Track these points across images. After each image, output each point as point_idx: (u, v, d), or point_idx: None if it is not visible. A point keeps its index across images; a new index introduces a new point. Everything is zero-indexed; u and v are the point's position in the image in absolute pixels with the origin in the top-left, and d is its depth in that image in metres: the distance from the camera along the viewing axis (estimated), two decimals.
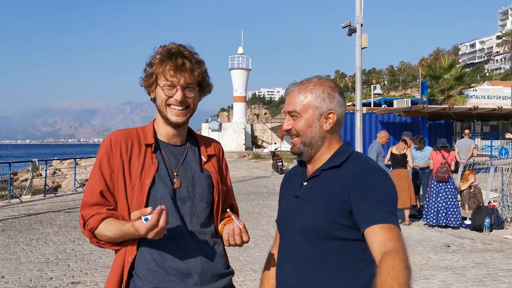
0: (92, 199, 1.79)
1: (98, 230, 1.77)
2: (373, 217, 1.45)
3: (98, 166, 1.82)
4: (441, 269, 6.15)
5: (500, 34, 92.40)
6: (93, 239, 1.80)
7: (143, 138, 1.86)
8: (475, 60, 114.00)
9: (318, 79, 1.66)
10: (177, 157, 1.89)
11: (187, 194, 1.84)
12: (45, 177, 15.83)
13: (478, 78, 68.08)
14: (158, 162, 1.83)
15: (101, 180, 1.80)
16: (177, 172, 1.85)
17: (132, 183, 1.80)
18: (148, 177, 1.80)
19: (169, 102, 1.82)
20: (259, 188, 16.13)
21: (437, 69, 25.51)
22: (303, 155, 1.66)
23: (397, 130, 17.03)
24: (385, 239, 1.40)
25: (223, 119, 59.00)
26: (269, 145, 36.47)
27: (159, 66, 1.79)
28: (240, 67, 39.09)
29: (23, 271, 6.00)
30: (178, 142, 1.91)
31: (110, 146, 1.82)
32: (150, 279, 1.74)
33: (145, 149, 1.84)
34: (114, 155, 1.81)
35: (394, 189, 1.55)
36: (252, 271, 5.98)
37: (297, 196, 1.64)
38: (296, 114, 1.62)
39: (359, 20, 12.42)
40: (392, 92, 71.03)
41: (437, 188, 9.05)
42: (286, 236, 1.68)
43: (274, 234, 1.92)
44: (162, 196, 1.79)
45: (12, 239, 7.91)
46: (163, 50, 1.81)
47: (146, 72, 1.85)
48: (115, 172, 1.80)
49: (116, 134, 1.87)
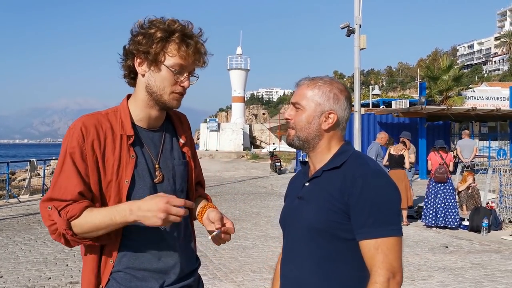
0: (66, 195, 1.53)
1: (79, 220, 1.52)
2: (368, 230, 1.47)
3: (71, 160, 1.55)
4: (439, 270, 6.16)
5: (498, 35, 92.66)
6: (67, 231, 1.52)
7: (120, 128, 1.63)
8: (473, 61, 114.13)
9: (330, 79, 1.67)
10: (156, 144, 1.70)
11: (169, 187, 1.69)
12: (43, 176, 15.79)
13: (476, 79, 68.13)
14: (136, 155, 1.63)
15: (77, 178, 1.55)
16: (158, 164, 1.68)
17: (107, 179, 1.59)
18: (126, 175, 1.60)
19: (175, 89, 1.63)
20: (258, 189, 16.12)
21: (435, 70, 25.56)
22: (298, 147, 1.67)
23: (395, 131, 17.04)
24: (374, 260, 1.46)
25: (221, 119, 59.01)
26: (268, 146, 36.46)
27: (168, 43, 1.57)
28: (239, 67, 39.06)
29: (22, 271, 5.99)
30: (158, 125, 1.72)
31: (82, 136, 1.57)
32: (127, 281, 1.62)
33: (121, 141, 1.62)
34: (86, 146, 1.57)
35: (395, 194, 1.53)
36: (251, 271, 5.98)
37: (299, 197, 1.65)
38: (299, 106, 1.63)
39: (357, 21, 12.45)
40: (390, 93, 71.07)
41: (436, 189, 9.07)
42: (289, 236, 1.69)
43: (273, 234, 1.92)
44: (144, 194, 1.60)
45: (10, 239, 7.91)
46: (172, 24, 1.59)
47: (137, 41, 1.59)
48: (89, 166, 1.57)
49: (85, 122, 1.60)
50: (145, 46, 1.58)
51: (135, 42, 1.60)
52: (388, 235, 1.46)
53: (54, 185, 1.57)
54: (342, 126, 1.65)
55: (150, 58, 1.59)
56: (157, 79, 1.61)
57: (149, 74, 1.62)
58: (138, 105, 1.67)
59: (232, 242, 7.51)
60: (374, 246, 1.46)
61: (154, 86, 1.62)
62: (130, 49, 1.63)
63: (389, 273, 1.44)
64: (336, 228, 1.52)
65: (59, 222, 1.52)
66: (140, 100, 1.66)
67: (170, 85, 1.61)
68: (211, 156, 32.01)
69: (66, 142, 1.59)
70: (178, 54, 1.58)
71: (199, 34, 1.64)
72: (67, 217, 1.52)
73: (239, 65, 39.17)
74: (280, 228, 1.80)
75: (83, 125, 1.59)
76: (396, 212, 1.52)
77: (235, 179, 19.47)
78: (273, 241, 7.63)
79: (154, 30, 1.57)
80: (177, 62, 1.59)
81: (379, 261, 1.45)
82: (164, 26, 1.58)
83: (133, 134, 1.63)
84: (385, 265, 1.44)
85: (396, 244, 1.47)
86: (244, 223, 9.34)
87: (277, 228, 8.90)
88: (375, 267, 1.45)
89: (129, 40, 1.64)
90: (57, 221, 1.52)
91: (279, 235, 8.32)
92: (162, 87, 1.61)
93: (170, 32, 1.58)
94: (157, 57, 1.58)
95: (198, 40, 1.63)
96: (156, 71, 1.61)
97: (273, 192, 15.03)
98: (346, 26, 12.58)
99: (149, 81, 1.62)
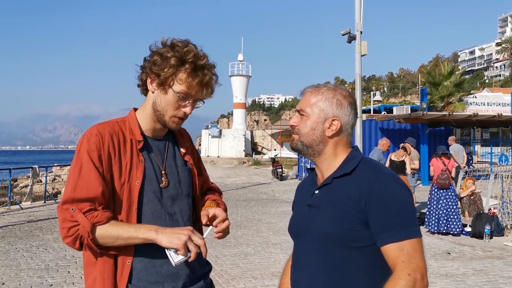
0: (88, 196, 1.60)
1: (105, 227, 1.60)
2: (389, 234, 1.48)
3: (91, 162, 1.63)
4: (441, 277, 6.14)
5: (500, 41, 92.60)
6: (89, 235, 1.58)
7: (129, 134, 1.74)
8: (475, 67, 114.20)
9: (334, 86, 1.69)
10: (161, 152, 1.80)
11: (175, 191, 1.78)
12: (45, 183, 15.81)
13: (478, 85, 68.19)
14: (144, 160, 1.73)
15: (97, 178, 1.62)
16: (164, 169, 1.78)
17: (121, 181, 1.67)
18: (137, 177, 1.69)
19: (176, 113, 1.73)
20: (259, 195, 16.11)
21: (436, 76, 25.59)
22: (301, 151, 1.68)
23: (397, 137, 17.08)
24: (399, 260, 1.45)
25: (223, 125, 59.08)
26: (269, 152, 36.49)
27: (179, 71, 1.67)
28: (240, 73, 39.16)
29: (24, 278, 5.99)
30: (162, 135, 1.83)
31: (99, 140, 1.67)
32: (143, 284, 1.68)
33: (131, 146, 1.72)
34: (103, 151, 1.66)
35: (410, 197, 1.55)
36: (252, 278, 5.97)
37: (309, 204, 1.64)
38: (304, 113, 1.64)
39: (358, 27, 12.50)
40: (391, 99, 71.11)
41: (438, 195, 9.06)
42: (300, 243, 1.68)
43: (274, 241, 1.93)
44: (151, 198, 1.71)
45: (12, 246, 7.91)
46: (187, 54, 1.67)
47: (153, 61, 1.68)
48: (105, 169, 1.66)
49: (99, 128, 1.71)
50: (158, 68, 1.68)
51: (151, 60, 1.70)
52: (411, 237, 1.47)
53: (75, 186, 1.62)
54: (348, 132, 1.66)
55: (161, 80, 1.69)
56: (163, 100, 1.72)
57: (157, 93, 1.73)
58: (146, 116, 1.78)
59: (234, 249, 7.50)
60: (399, 248, 1.46)
61: (159, 105, 1.73)
62: (146, 65, 1.73)
63: (416, 273, 1.43)
64: (350, 235, 1.52)
65: (85, 224, 1.58)
66: (147, 113, 1.78)
67: (173, 109, 1.72)
68: (212, 163, 32.01)
69: (82, 146, 1.67)
70: (185, 83, 1.69)
71: (212, 66, 1.73)
72: (94, 221, 1.58)
73: (241, 72, 39.27)
74: (282, 234, 1.80)
75: (98, 131, 1.69)
76: (414, 214, 1.54)
77: (236, 185, 19.46)
78: (275, 247, 7.58)
79: (171, 55, 1.67)
80: (183, 89, 1.69)
81: (406, 260, 1.44)
82: (181, 54, 1.67)
83: (142, 139, 1.75)
84: (412, 265, 1.44)
85: (419, 245, 1.48)
86: (246, 230, 9.32)
87: (279, 234, 8.89)
88: (400, 266, 1.44)
89: (149, 55, 1.73)
90: (82, 222, 1.58)
91: (281, 242, 8.27)
92: (165, 109, 1.72)
93: (183, 61, 1.68)
94: (167, 81, 1.69)
95: (208, 72, 1.72)
96: (163, 93, 1.71)
97: (274, 198, 15.01)
98: (347, 33, 12.62)
99: (156, 100, 1.73)
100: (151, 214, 1.72)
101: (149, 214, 1.72)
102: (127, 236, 1.61)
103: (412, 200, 1.56)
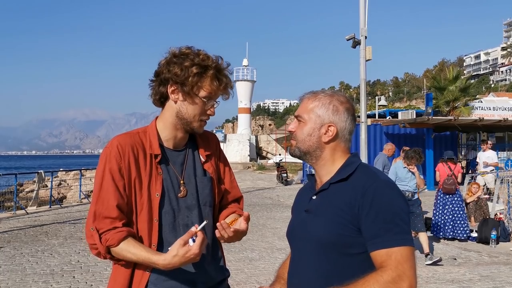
0: (107, 212, 1.68)
1: (117, 249, 1.68)
2: (380, 240, 1.46)
3: (110, 176, 1.70)
4: (448, 282, 6.10)
5: (505, 45, 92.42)
6: (106, 255, 1.70)
7: (148, 147, 1.78)
8: (480, 72, 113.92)
9: (332, 92, 1.69)
10: (180, 162, 1.84)
11: (193, 201, 1.82)
12: (51, 188, 15.87)
13: (484, 90, 67.96)
14: (162, 172, 1.78)
15: (116, 193, 1.69)
16: (183, 179, 1.82)
17: (141, 193, 1.73)
18: (156, 189, 1.74)
19: (202, 117, 1.80)
20: (264, 200, 16.09)
21: (442, 81, 25.51)
22: (299, 158, 1.69)
23: (402, 142, 17.02)
24: (385, 264, 1.43)
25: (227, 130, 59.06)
26: (274, 156, 36.41)
27: (203, 78, 1.74)
28: (245, 78, 39.23)
29: (29, 283, 6.00)
30: (182, 145, 1.86)
31: (119, 153, 1.72)
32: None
33: (150, 159, 1.77)
34: (124, 163, 1.72)
35: (405, 205, 1.54)
36: (257, 283, 5.95)
37: (306, 210, 1.65)
38: (301, 119, 1.65)
39: (363, 32, 12.49)
40: (397, 104, 70.97)
41: (444, 200, 9.01)
42: (296, 249, 1.69)
43: (279, 246, 1.93)
44: (167, 210, 1.76)
45: (17, 251, 7.93)
46: (207, 61, 1.74)
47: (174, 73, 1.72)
48: (126, 182, 1.72)
49: (121, 140, 1.76)
50: (181, 78, 1.72)
51: (170, 72, 1.74)
52: (401, 245, 1.45)
53: (97, 200, 1.72)
54: (345, 138, 1.65)
55: (185, 90, 1.74)
56: (189, 108, 1.77)
57: (181, 102, 1.77)
58: (167, 127, 1.82)
59: (239, 254, 7.49)
60: (387, 254, 1.44)
61: (185, 114, 1.77)
62: (165, 77, 1.75)
63: (401, 282, 1.39)
64: (346, 241, 1.51)
65: (100, 247, 1.69)
66: (168, 123, 1.81)
67: (200, 115, 1.78)
68: None
69: (104, 160, 1.74)
70: (211, 88, 1.75)
71: (228, 67, 1.80)
72: (106, 245, 1.67)
73: (245, 77, 39.34)
74: (287, 240, 1.80)
75: (119, 144, 1.74)
76: (407, 222, 1.52)
77: (241, 190, 19.36)
78: (280, 252, 7.59)
79: (189, 64, 1.72)
80: (208, 94, 1.76)
81: (393, 267, 1.41)
82: (199, 61, 1.73)
83: (159, 153, 1.78)
84: (398, 271, 1.41)
85: (410, 253, 1.45)
86: (251, 235, 9.30)
87: (284, 239, 8.84)
88: (385, 268, 1.42)
89: (162, 67, 1.77)
90: (98, 246, 1.69)
91: (286, 247, 8.27)
92: (193, 115, 1.77)
93: (205, 68, 1.74)
94: (192, 89, 1.74)
95: (228, 75, 1.80)
96: (189, 101, 1.76)
97: (279, 203, 14.99)
98: (351, 38, 12.61)
99: (181, 109, 1.78)
100: (168, 225, 1.76)
101: (166, 225, 1.76)
102: (138, 259, 1.68)
103: (408, 209, 1.54)
